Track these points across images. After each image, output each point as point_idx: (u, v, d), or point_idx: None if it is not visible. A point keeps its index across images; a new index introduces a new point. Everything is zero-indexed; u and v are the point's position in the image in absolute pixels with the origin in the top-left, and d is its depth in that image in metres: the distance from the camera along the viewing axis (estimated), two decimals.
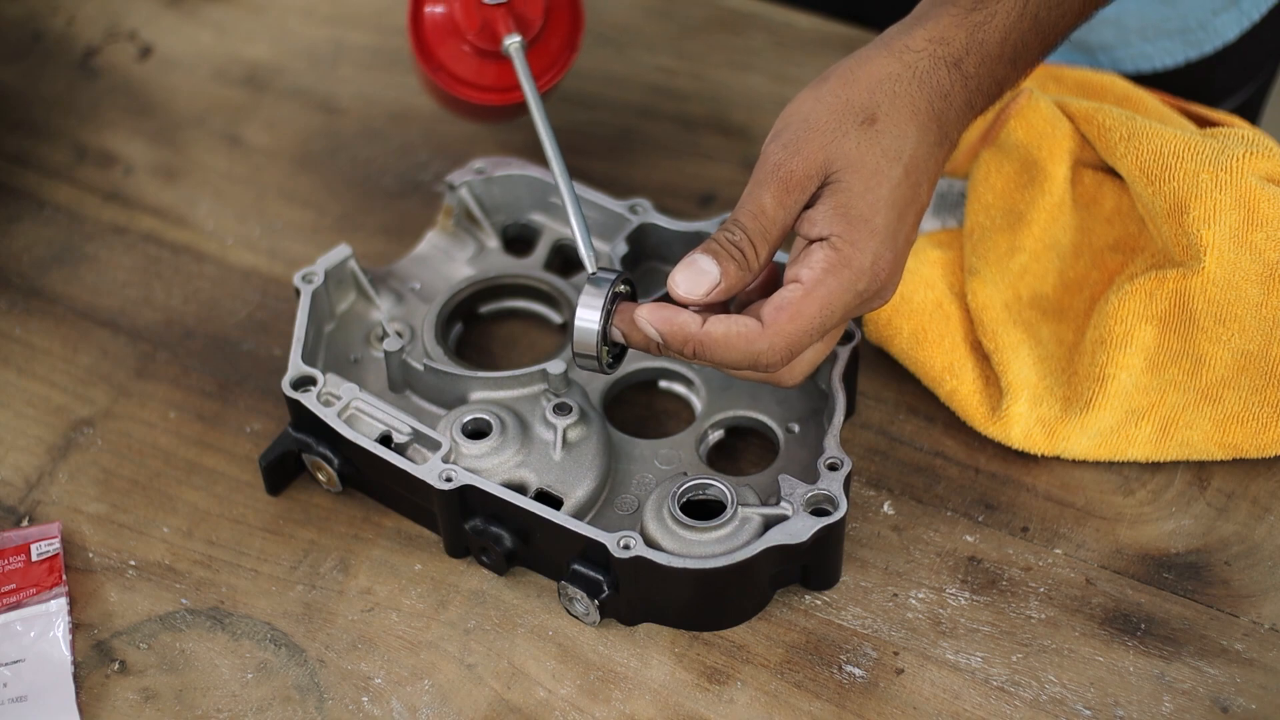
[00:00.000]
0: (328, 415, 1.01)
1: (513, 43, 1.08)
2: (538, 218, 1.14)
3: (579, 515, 0.99)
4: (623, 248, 1.08)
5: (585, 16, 1.13)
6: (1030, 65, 0.96)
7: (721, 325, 0.91)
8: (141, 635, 0.99)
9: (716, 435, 1.05)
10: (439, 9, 1.10)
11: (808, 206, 0.92)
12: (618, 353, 0.96)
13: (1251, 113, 1.33)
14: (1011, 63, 0.94)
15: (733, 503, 0.95)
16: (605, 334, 0.94)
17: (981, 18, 0.93)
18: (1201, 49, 1.25)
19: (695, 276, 0.92)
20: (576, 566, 0.96)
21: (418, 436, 1.01)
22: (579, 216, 0.99)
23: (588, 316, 0.94)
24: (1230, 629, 0.97)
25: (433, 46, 1.11)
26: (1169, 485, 1.04)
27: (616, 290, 0.95)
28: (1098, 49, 1.24)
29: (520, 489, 1.00)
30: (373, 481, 1.03)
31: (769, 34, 1.31)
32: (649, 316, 0.92)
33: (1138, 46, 1.24)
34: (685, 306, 0.92)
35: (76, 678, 0.97)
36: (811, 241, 0.91)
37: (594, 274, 0.95)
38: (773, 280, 0.96)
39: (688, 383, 1.07)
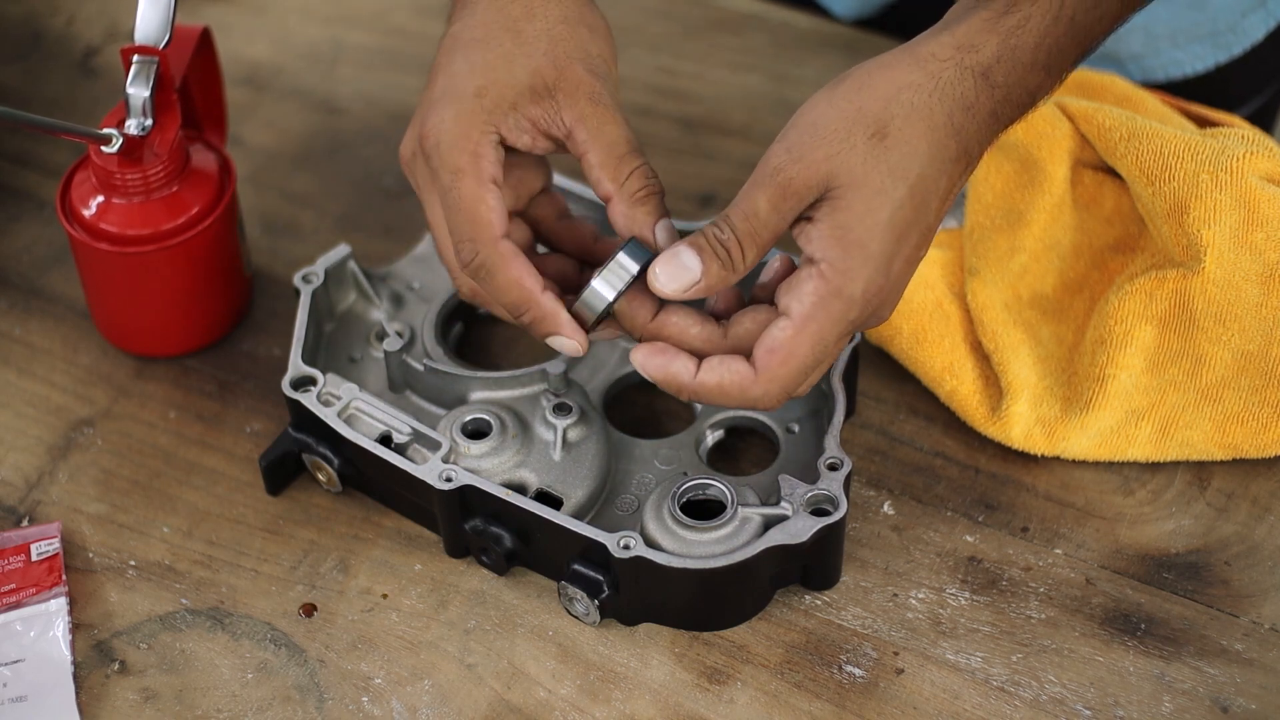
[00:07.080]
0: (328, 415, 1.01)
1: None
2: None
3: (579, 515, 0.99)
4: None
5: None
6: (1064, 72, 0.91)
7: (715, 374, 0.90)
8: (141, 635, 0.99)
9: (716, 435, 1.05)
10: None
11: (807, 218, 0.89)
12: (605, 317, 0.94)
13: (1272, 114, 1.32)
14: (1045, 69, 0.89)
15: (733, 503, 0.95)
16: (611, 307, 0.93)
17: (1015, 22, 0.88)
18: (1230, 51, 1.24)
19: (677, 271, 0.90)
20: (576, 566, 0.96)
21: (418, 436, 1.01)
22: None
23: (609, 280, 0.92)
24: (1230, 629, 0.97)
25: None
26: (1169, 485, 1.04)
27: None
28: (1128, 59, 1.23)
29: (520, 489, 1.00)
30: (373, 481, 1.03)
31: (769, 34, 1.31)
32: (644, 361, 0.91)
33: (1168, 54, 1.23)
34: (665, 299, 0.90)
35: (76, 678, 0.97)
36: (803, 261, 0.89)
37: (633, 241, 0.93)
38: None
39: None
